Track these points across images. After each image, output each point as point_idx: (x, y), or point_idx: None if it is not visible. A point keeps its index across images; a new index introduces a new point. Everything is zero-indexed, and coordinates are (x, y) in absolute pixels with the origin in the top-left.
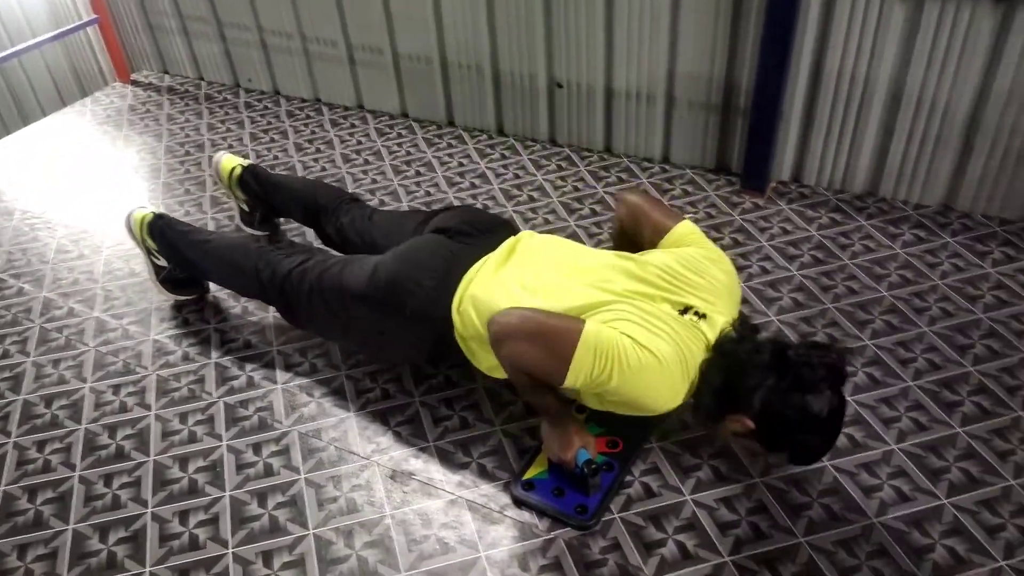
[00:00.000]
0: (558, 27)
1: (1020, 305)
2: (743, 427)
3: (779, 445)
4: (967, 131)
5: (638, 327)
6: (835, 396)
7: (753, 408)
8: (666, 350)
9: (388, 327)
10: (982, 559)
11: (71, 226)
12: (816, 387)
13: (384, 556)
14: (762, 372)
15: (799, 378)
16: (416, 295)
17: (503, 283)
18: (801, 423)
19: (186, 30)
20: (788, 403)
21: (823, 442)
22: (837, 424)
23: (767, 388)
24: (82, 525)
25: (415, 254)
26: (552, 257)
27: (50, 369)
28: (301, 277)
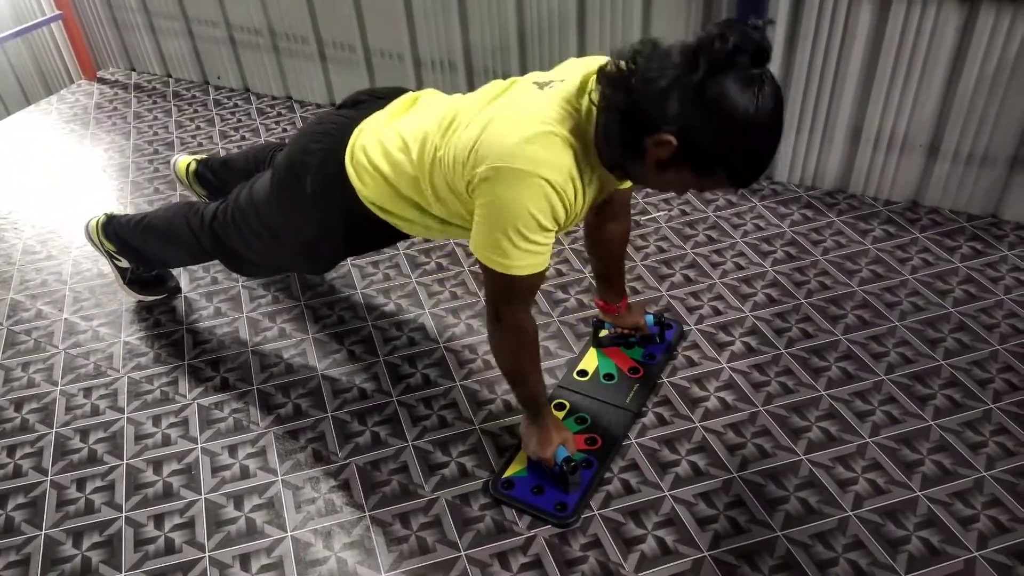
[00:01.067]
0: (531, 23)
1: (988, 299)
2: (665, 147)
3: (710, 160)
4: (934, 128)
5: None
6: (761, 76)
7: (668, 118)
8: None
9: (300, 220)
10: (956, 550)
11: (38, 227)
12: (734, 64)
13: (364, 557)
14: (671, 71)
15: (712, 59)
16: (309, 164)
17: (395, 131)
18: (728, 118)
19: (153, 26)
20: (706, 95)
21: (760, 140)
22: (773, 113)
23: (680, 87)
24: (55, 530)
25: (304, 128)
26: (449, 104)
27: (19, 372)
28: (224, 211)
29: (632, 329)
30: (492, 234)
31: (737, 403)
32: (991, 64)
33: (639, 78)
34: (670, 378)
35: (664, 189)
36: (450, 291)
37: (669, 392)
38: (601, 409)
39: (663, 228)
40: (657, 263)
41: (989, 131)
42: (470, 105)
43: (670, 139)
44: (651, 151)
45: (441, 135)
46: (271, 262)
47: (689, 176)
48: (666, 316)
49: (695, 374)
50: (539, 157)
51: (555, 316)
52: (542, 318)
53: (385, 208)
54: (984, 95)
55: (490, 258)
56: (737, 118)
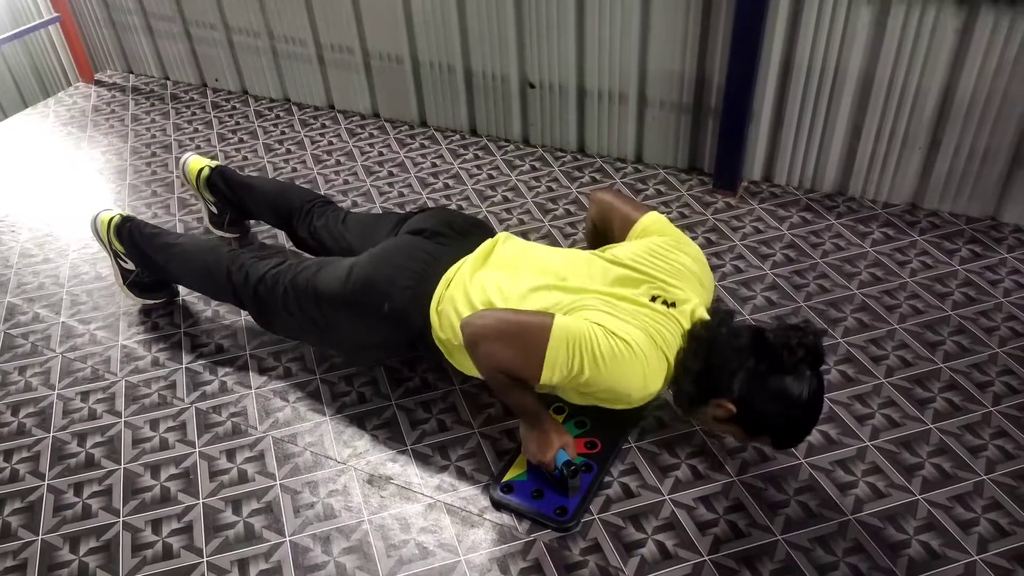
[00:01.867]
0: (529, 26)
1: (987, 302)
2: (724, 412)
3: (760, 429)
4: (933, 130)
5: (608, 316)
6: (814, 376)
7: (733, 392)
8: (638, 336)
9: (364, 329)
10: (956, 554)
11: (35, 229)
12: (796, 368)
13: (362, 562)
14: (741, 355)
15: (778, 360)
16: (393, 297)
17: (481, 285)
18: (782, 405)
19: (151, 28)
20: (769, 385)
21: (805, 423)
22: (818, 405)
23: (747, 371)
24: (52, 535)
25: (391, 255)
26: (528, 259)
27: (16, 376)
28: (275, 280)
29: None
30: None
31: None
32: (990, 66)
33: (717, 355)
34: None
35: (712, 430)
36: None
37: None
38: (601, 413)
39: None
40: None
41: (988, 133)
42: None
43: (731, 408)
44: (711, 407)
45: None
46: (306, 338)
47: (739, 433)
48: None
49: None
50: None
51: None
52: None
53: (451, 353)
54: (983, 98)
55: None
56: (791, 410)
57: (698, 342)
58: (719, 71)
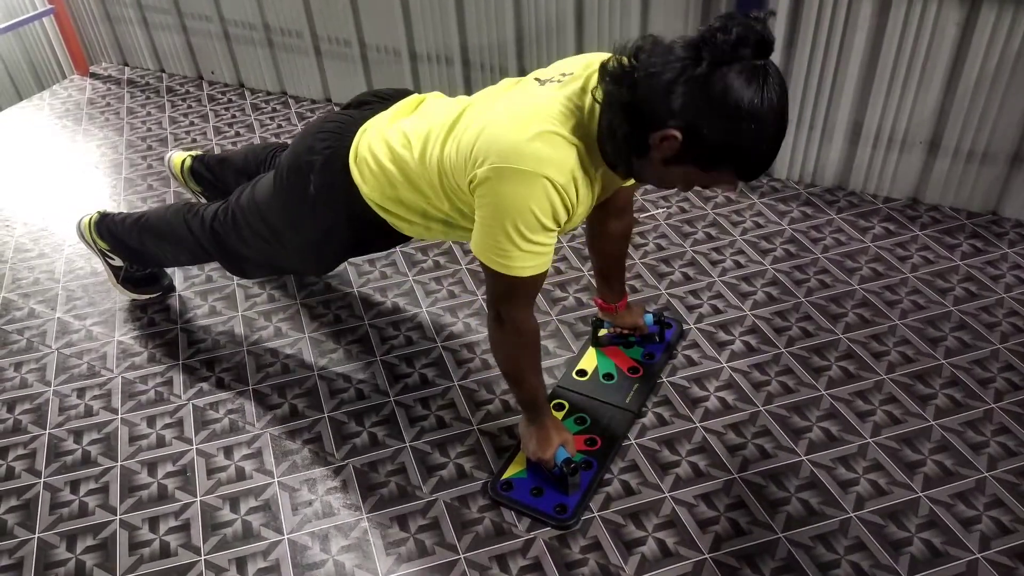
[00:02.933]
0: (528, 18)
1: (989, 297)
2: (670, 143)
3: (718, 155)
4: (935, 125)
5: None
6: (765, 66)
7: (674, 111)
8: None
9: (306, 220)
10: (958, 551)
11: (30, 224)
12: (736, 54)
13: (361, 560)
14: (671, 65)
15: (716, 52)
16: (313, 164)
17: (400, 130)
18: (733, 110)
19: (146, 21)
20: (712, 90)
21: (766, 131)
22: (777, 104)
23: (684, 81)
24: (48, 533)
25: (308, 128)
26: (455, 104)
27: (12, 372)
28: (225, 212)
29: (631, 329)
30: (494, 235)
31: (737, 403)
32: (992, 61)
33: (642, 73)
34: (670, 378)
35: (669, 186)
36: (448, 289)
37: (669, 392)
38: (601, 409)
39: (662, 226)
40: (656, 261)
41: (990, 128)
42: (474, 105)
43: (675, 134)
44: (656, 147)
45: (445, 133)
46: (272, 262)
47: (695, 171)
48: (665, 315)
49: (695, 373)
50: (541, 156)
51: (554, 315)
52: (540, 316)
53: (388, 208)
54: (985, 92)
55: (491, 259)
56: (743, 110)
57: (617, 75)
58: None
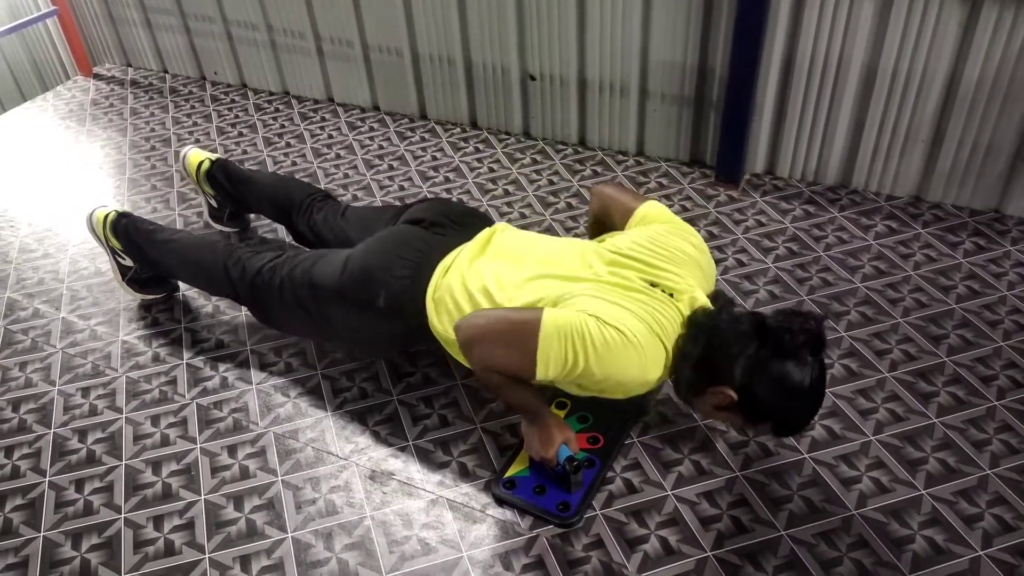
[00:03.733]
0: (530, 18)
1: (991, 295)
2: (725, 399)
3: (762, 416)
4: (937, 122)
5: (602, 303)
6: (816, 363)
7: (734, 379)
8: (633, 323)
9: (361, 321)
10: (961, 549)
11: (35, 224)
12: (797, 354)
13: (365, 558)
14: (742, 341)
15: (780, 345)
16: (390, 285)
17: (478, 273)
18: (784, 392)
19: (149, 22)
20: (770, 372)
21: (806, 411)
22: (820, 391)
23: (748, 357)
24: (53, 532)
25: (387, 245)
26: (526, 249)
27: (16, 372)
28: (272, 274)
29: None
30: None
31: None
32: (993, 60)
33: (716, 339)
34: None
35: (709, 418)
36: None
37: (671, 391)
38: (603, 407)
39: None
40: None
41: (992, 126)
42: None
43: (732, 395)
44: (711, 395)
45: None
46: (304, 332)
47: (739, 421)
48: None
49: None
50: (652, 363)
51: None
52: None
53: (450, 344)
54: (986, 90)
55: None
56: (792, 395)
57: (698, 328)
58: (721, 63)
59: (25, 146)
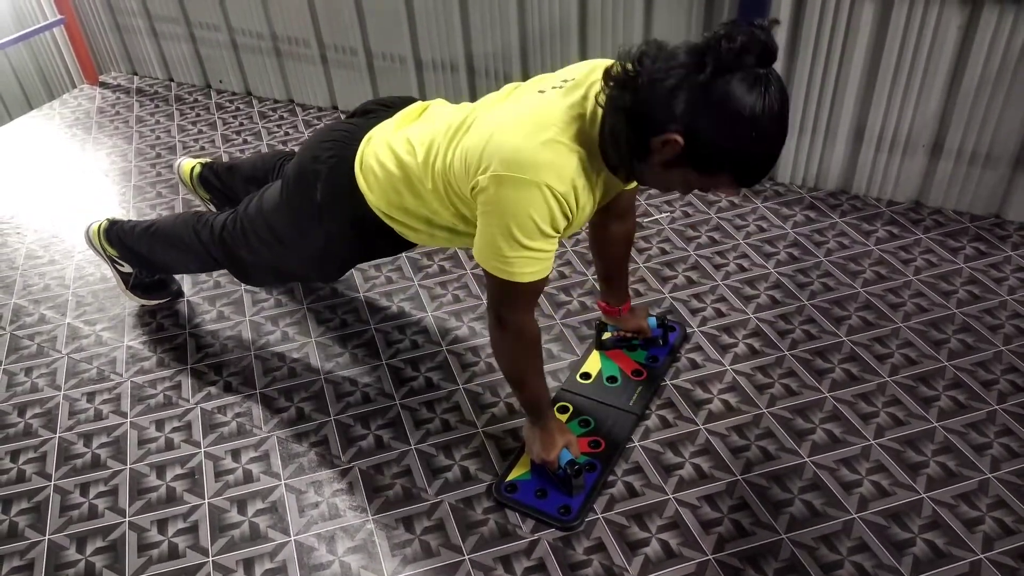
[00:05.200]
0: (532, 26)
1: (992, 300)
2: (672, 147)
3: (716, 160)
4: (937, 128)
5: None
6: (767, 77)
7: (676, 116)
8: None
9: (310, 228)
10: (961, 552)
11: (41, 231)
12: (740, 63)
13: (367, 561)
14: (674, 70)
15: (719, 61)
16: (319, 173)
17: (404, 137)
18: (733, 117)
19: (155, 30)
20: (714, 95)
21: (765, 140)
22: (779, 113)
23: (686, 88)
24: (58, 535)
25: (313, 137)
26: (458, 110)
27: (22, 377)
28: (234, 223)
29: (635, 332)
30: (494, 241)
31: (741, 405)
32: (994, 64)
33: (645, 78)
34: (673, 380)
35: (669, 189)
36: (453, 294)
37: (672, 395)
38: (604, 412)
39: (666, 230)
40: (660, 265)
41: (992, 131)
42: (477, 111)
43: (676, 139)
44: (657, 151)
45: (448, 139)
46: (280, 270)
47: (694, 176)
48: (669, 318)
49: (698, 376)
50: (541, 164)
51: (558, 319)
52: (544, 320)
53: (394, 216)
54: (987, 95)
55: (493, 264)
56: (743, 117)
57: (622, 80)
58: None
59: (32, 154)
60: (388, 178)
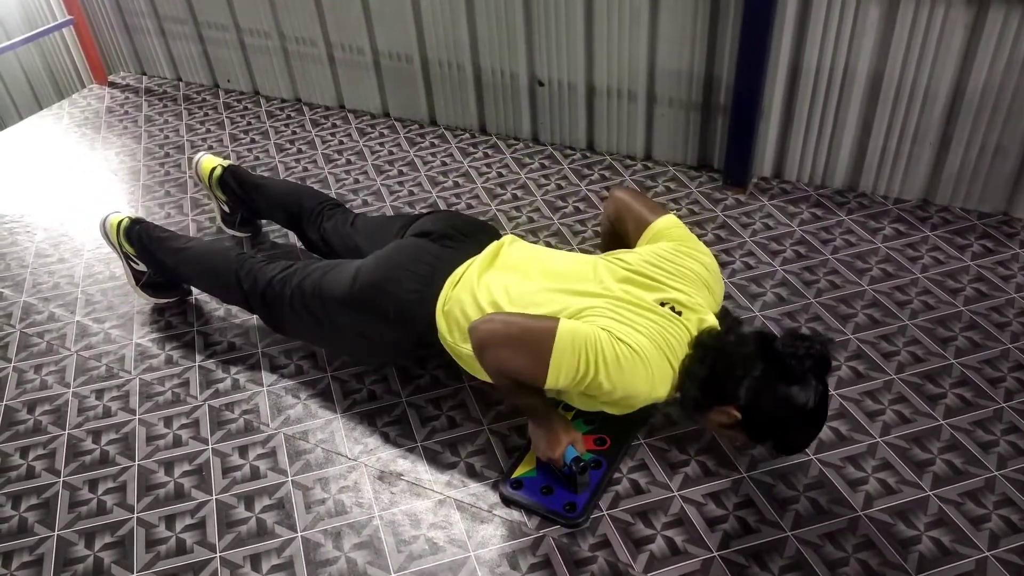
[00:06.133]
0: (538, 24)
1: (999, 297)
2: (729, 418)
3: (765, 436)
4: (944, 126)
5: (614, 321)
6: (820, 386)
7: (739, 399)
8: (643, 341)
9: (371, 331)
10: (967, 550)
11: (50, 230)
12: (802, 377)
13: (373, 557)
14: (748, 363)
15: (785, 368)
16: (400, 300)
17: (487, 287)
18: (787, 414)
19: (163, 30)
20: (774, 394)
21: (808, 432)
22: (822, 414)
23: (753, 379)
24: (67, 531)
25: (397, 258)
26: (535, 262)
27: (32, 375)
28: (282, 286)
29: None
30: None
31: None
32: (1000, 62)
33: (723, 361)
34: None
35: (716, 435)
36: None
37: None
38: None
39: None
40: None
41: (999, 128)
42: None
43: (736, 415)
44: (716, 414)
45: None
46: (314, 340)
47: (742, 438)
48: None
49: None
50: (660, 380)
51: None
52: None
53: (460, 355)
54: (994, 93)
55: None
56: (795, 416)
57: (705, 349)
58: (728, 68)
59: (41, 153)
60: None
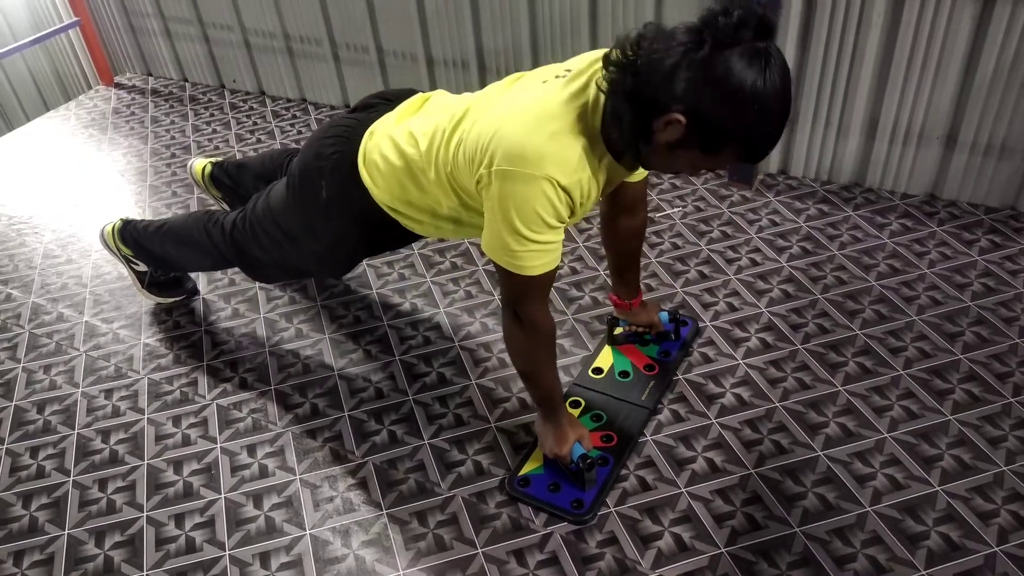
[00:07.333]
0: (543, 23)
1: (1007, 292)
2: (676, 127)
3: (722, 137)
4: (951, 120)
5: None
6: (767, 48)
7: (677, 95)
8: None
9: (321, 226)
10: (976, 545)
11: (58, 231)
12: (737, 36)
13: (381, 555)
14: (673, 48)
15: (717, 36)
16: (323, 170)
17: (407, 130)
18: (734, 93)
19: (169, 31)
20: (714, 71)
21: (768, 114)
22: (780, 88)
23: (687, 64)
24: (77, 530)
25: (315, 135)
26: (459, 101)
27: (41, 375)
28: (243, 220)
29: (647, 326)
30: (501, 235)
31: (753, 399)
32: (1008, 55)
33: (645, 60)
34: (685, 375)
35: (674, 171)
36: (465, 290)
37: (685, 389)
38: (616, 406)
39: (677, 225)
40: (672, 260)
41: (1007, 123)
42: (478, 101)
43: (679, 118)
44: (660, 132)
45: (451, 129)
46: (291, 267)
47: (699, 155)
48: (681, 313)
49: (711, 370)
50: (544, 157)
51: (570, 314)
52: (557, 316)
53: (398, 209)
54: (1001, 86)
55: (502, 258)
56: (745, 92)
57: (621, 61)
58: None
59: (49, 154)
60: (391, 171)
